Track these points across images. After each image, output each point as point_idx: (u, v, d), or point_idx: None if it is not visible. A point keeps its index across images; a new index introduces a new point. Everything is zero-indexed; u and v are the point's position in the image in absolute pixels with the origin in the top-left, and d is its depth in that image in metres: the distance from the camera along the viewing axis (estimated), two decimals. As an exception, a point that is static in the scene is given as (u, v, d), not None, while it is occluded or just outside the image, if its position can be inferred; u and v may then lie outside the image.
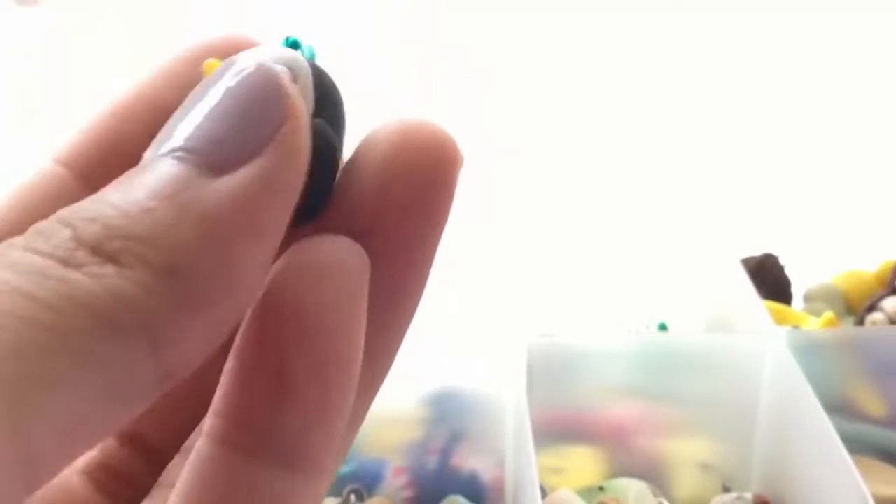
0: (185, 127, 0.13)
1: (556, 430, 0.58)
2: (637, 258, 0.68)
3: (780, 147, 0.91)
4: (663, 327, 0.67)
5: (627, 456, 0.59)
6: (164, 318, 0.12)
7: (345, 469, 0.57)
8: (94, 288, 0.12)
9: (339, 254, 0.14)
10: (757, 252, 0.71)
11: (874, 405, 0.61)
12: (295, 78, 0.14)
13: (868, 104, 0.93)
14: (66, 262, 0.12)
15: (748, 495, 0.56)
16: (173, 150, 0.13)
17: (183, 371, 0.13)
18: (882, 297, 0.65)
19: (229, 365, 0.14)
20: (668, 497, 0.57)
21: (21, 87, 1.01)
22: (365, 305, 0.14)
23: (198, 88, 0.14)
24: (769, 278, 0.69)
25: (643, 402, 0.60)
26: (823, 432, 0.50)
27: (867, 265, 0.71)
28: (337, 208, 0.15)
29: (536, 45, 1.03)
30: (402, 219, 0.15)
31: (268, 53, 0.15)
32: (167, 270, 0.12)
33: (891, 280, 0.66)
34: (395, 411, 0.57)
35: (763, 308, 0.59)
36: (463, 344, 0.60)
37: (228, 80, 0.14)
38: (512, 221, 0.77)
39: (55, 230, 0.12)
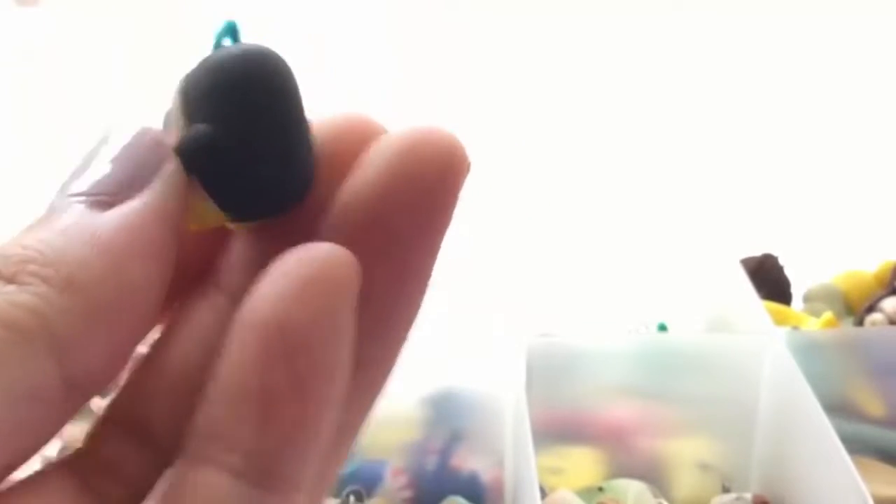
0: (79, 177, 0.16)
1: (555, 431, 0.58)
2: (636, 258, 0.68)
3: (779, 147, 0.91)
4: (663, 327, 0.67)
5: (627, 456, 0.59)
6: (62, 322, 0.13)
7: (344, 470, 0.57)
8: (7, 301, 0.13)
9: (323, 265, 0.14)
10: (756, 252, 0.71)
11: (874, 405, 0.61)
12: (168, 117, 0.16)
13: (867, 105, 0.93)
14: None
15: (748, 496, 0.56)
16: (71, 195, 0.15)
17: (91, 380, 0.14)
18: (882, 297, 0.65)
19: (208, 378, 0.14)
20: (667, 497, 0.57)
21: (20, 88, 1.01)
22: (350, 318, 0.14)
23: (91, 148, 0.16)
24: (769, 279, 0.69)
25: (642, 402, 0.60)
26: (823, 433, 0.50)
27: (867, 265, 0.71)
28: (340, 208, 0.16)
29: (537, 47, 1.03)
30: (406, 221, 0.15)
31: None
32: (62, 281, 0.14)
33: (890, 280, 0.66)
34: (394, 412, 0.57)
35: (762, 308, 0.59)
36: (462, 344, 0.60)
37: (114, 142, 0.16)
38: (511, 222, 0.77)
39: None
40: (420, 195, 0.15)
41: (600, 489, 0.57)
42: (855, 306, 0.68)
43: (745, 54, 1.01)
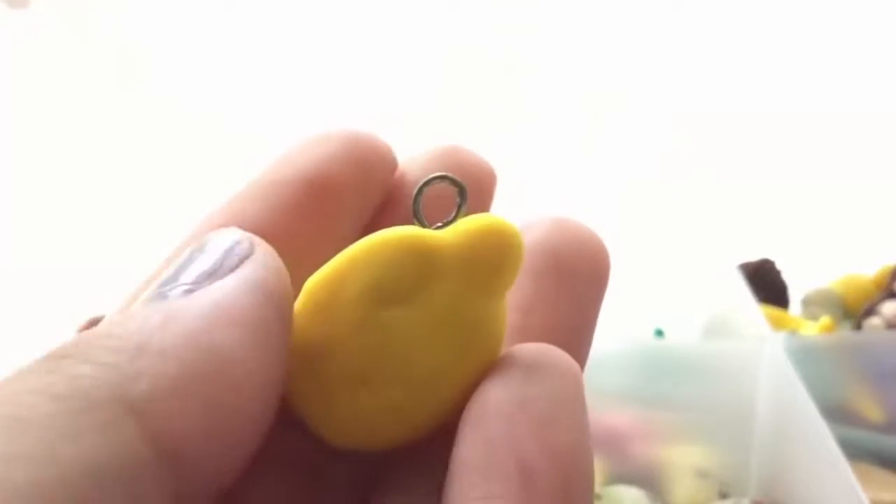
0: (169, 273, 0.15)
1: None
2: (634, 263, 0.68)
3: (777, 152, 0.91)
4: (660, 333, 0.67)
5: (624, 463, 0.59)
6: (137, 387, 0.12)
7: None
8: (68, 375, 0.12)
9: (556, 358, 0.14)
10: (754, 257, 0.70)
11: (872, 410, 0.61)
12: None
13: (865, 108, 0.93)
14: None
15: (745, 501, 0.56)
16: (160, 286, 0.14)
17: (194, 452, 0.13)
18: (880, 301, 0.64)
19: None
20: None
21: (11, 90, 1.01)
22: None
23: (186, 252, 0.15)
24: (766, 283, 0.68)
25: (640, 408, 0.59)
26: (821, 438, 0.49)
27: (865, 270, 0.71)
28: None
29: (535, 44, 1.03)
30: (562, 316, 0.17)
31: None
32: (133, 349, 0.13)
33: (889, 284, 0.66)
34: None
35: (760, 313, 0.59)
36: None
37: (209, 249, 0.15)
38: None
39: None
40: (575, 302, 0.17)
41: (597, 496, 0.56)
42: (853, 311, 0.68)
43: (743, 58, 1.00)
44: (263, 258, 0.15)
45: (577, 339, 0.17)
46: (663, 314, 0.68)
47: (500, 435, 0.13)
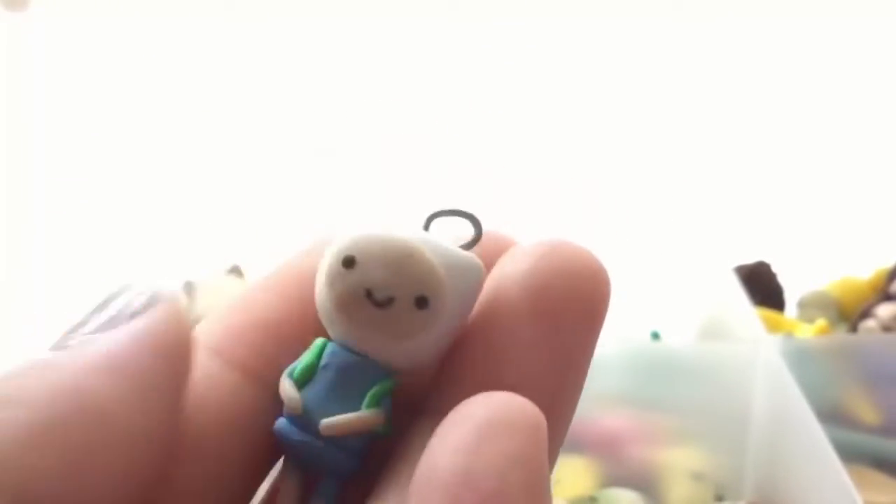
0: (75, 323, 0.16)
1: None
2: (629, 266, 0.68)
3: (772, 154, 0.91)
4: (656, 335, 0.67)
5: (619, 465, 0.59)
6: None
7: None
8: None
9: (508, 407, 0.14)
10: (750, 259, 0.70)
11: (867, 413, 0.61)
12: None
13: (860, 111, 0.93)
14: None
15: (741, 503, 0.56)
16: (64, 336, 0.15)
17: (50, 499, 0.13)
18: (875, 304, 0.64)
19: None
20: (660, 507, 0.57)
21: (10, 91, 1.00)
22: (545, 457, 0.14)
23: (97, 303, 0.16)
24: (762, 286, 0.68)
25: (635, 410, 0.59)
26: (816, 441, 0.49)
27: (861, 272, 0.71)
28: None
29: (533, 49, 1.03)
30: (557, 341, 0.16)
31: None
32: (2, 399, 0.13)
33: (884, 287, 0.66)
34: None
35: (756, 316, 0.59)
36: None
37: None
38: (508, 226, 0.77)
39: None
40: (559, 344, 0.16)
41: (593, 499, 0.56)
42: (849, 313, 0.68)
43: (738, 62, 1.01)
44: (162, 312, 0.15)
45: (560, 388, 0.16)
46: (659, 317, 0.68)
47: None
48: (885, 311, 0.63)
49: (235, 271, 0.61)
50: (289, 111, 0.96)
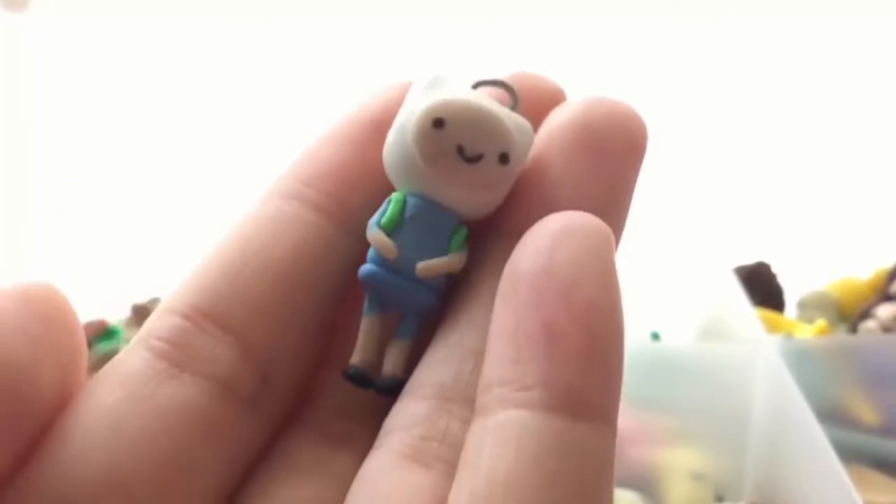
0: None
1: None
2: (629, 267, 0.68)
3: (772, 155, 0.91)
4: (656, 336, 0.67)
5: (619, 466, 0.58)
6: None
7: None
8: None
9: (579, 217, 0.15)
10: (749, 260, 0.70)
11: (867, 414, 0.61)
12: None
13: (861, 112, 0.93)
14: None
15: (741, 504, 0.56)
16: None
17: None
18: (875, 304, 0.64)
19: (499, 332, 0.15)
20: (660, 507, 0.57)
21: (10, 92, 1.00)
22: (613, 256, 0.15)
23: None
24: (762, 286, 0.68)
25: (635, 411, 0.59)
26: (816, 441, 0.49)
27: (860, 273, 0.71)
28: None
29: (532, 49, 1.03)
30: (591, 195, 0.18)
31: None
32: None
33: (884, 288, 0.66)
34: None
35: (755, 316, 0.59)
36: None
37: None
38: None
39: None
40: (604, 176, 0.18)
41: (592, 499, 0.56)
42: (848, 314, 0.68)
43: (738, 63, 1.01)
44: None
45: (609, 211, 0.17)
46: (659, 317, 0.68)
47: (528, 303, 0.14)
48: (885, 311, 0.63)
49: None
50: (289, 111, 0.96)
